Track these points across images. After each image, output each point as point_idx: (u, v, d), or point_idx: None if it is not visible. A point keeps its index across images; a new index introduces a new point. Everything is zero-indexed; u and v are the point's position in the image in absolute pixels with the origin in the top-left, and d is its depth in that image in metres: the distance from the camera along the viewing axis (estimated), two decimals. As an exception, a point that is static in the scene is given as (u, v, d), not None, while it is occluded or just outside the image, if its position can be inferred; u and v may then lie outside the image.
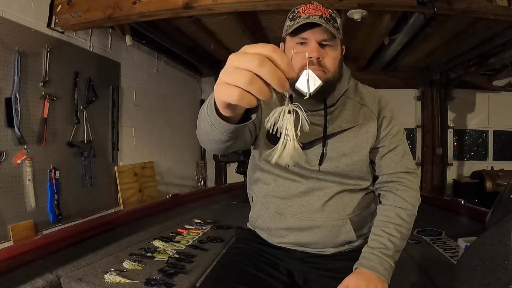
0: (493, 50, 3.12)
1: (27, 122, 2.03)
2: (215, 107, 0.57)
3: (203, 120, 0.65)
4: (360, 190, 0.98)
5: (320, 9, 0.86)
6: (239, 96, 0.44)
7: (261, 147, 0.98)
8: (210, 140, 0.70)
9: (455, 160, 4.59)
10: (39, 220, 2.11)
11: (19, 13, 1.97)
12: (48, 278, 1.10)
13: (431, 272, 1.22)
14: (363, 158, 0.94)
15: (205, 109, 0.62)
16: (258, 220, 1.03)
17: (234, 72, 0.44)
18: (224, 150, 0.76)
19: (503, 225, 0.56)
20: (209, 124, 0.62)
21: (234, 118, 0.59)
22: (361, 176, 0.97)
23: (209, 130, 0.64)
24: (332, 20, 0.86)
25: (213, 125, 0.62)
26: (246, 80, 0.43)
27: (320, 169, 0.94)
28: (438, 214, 2.01)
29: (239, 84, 0.43)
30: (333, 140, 0.95)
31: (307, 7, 0.87)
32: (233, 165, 3.73)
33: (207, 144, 0.74)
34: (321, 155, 0.93)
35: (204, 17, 2.62)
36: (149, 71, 3.44)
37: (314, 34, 0.86)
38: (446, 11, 1.90)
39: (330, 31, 0.85)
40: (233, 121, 0.59)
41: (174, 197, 2.16)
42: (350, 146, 0.94)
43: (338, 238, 0.95)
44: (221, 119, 0.58)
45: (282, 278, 0.93)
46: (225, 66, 0.45)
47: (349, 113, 0.97)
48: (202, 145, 0.80)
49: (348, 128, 0.95)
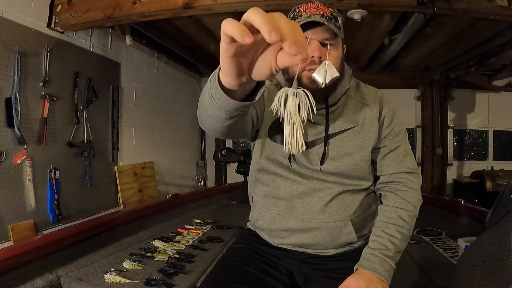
0: (493, 50, 3.12)
1: (27, 122, 2.03)
2: (218, 78, 0.54)
3: (205, 92, 0.62)
4: (361, 191, 0.98)
5: (321, 8, 0.86)
6: (238, 24, 0.38)
7: (262, 143, 0.98)
8: (208, 116, 0.66)
9: (455, 160, 4.59)
10: (39, 220, 2.11)
11: (19, 13, 1.97)
12: (48, 278, 1.10)
13: (431, 272, 1.22)
14: (364, 158, 0.94)
15: (209, 79, 0.59)
16: (259, 221, 1.03)
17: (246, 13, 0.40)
18: (221, 132, 0.72)
19: (503, 225, 0.56)
20: (209, 96, 0.59)
21: (237, 94, 0.55)
22: (362, 176, 0.97)
23: (209, 103, 0.61)
24: (333, 19, 0.86)
25: (213, 97, 0.58)
26: (254, 10, 0.38)
27: (321, 169, 0.94)
28: (438, 214, 2.01)
29: (245, 14, 0.39)
30: (335, 140, 0.94)
31: (308, 6, 0.87)
32: (233, 165, 3.73)
33: (205, 120, 0.70)
34: (322, 154, 0.93)
35: (204, 17, 2.62)
36: (149, 71, 3.44)
37: (316, 33, 0.85)
38: (446, 11, 1.90)
39: (332, 29, 0.85)
40: (235, 97, 0.56)
41: (174, 197, 2.16)
42: (352, 146, 0.94)
43: (339, 239, 0.94)
44: (222, 90, 0.55)
45: (282, 279, 0.92)
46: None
47: (351, 112, 0.97)
48: (201, 124, 0.75)
49: (349, 128, 0.95)
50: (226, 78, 0.50)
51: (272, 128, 0.96)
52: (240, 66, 0.46)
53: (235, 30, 0.38)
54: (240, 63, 0.45)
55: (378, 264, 0.83)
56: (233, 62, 0.45)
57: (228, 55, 0.43)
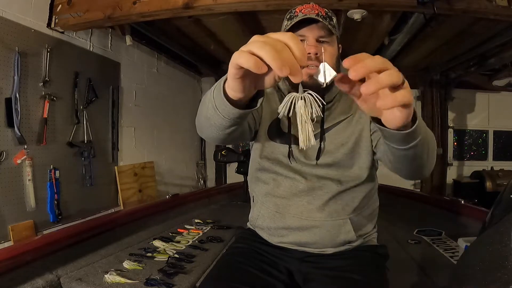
0: (493, 50, 3.12)
1: (27, 122, 2.03)
2: (223, 90, 0.58)
3: (206, 104, 0.66)
4: (361, 190, 0.98)
5: (316, 8, 0.90)
6: (251, 58, 0.45)
7: (262, 143, 0.99)
8: (211, 125, 0.69)
9: (455, 160, 4.59)
10: (39, 220, 2.11)
11: (19, 13, 1.97)
12: (48, 278, 1.10)
13: (431, 272, 1.22)
14: (362, 145, 0.95)
15: (212, 92, 0.63)
16: (258, 219, 1.03)
17: (251, 43, 0.46)
18: (222, 139, 0.75)
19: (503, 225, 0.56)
20: (213, 107, 0.63)
21: (239, 103, 0.59)
22: (362, 168, 0.96)
23: (212, 113, 0.64)
24: (328, 18, 0.90)
25: (217, 108, 0.62)
26: (259, 45, 0.45)
27: (318, 163, 0.95)
28: (438, 214, 2.01)
29: (254, 49, 0.45)
30: (330, 133, 0.96)
31: (304, 7, 0.91)
32: (233, 165, 3.73)
33: (207, 129, 0.73)
34: (318, 149, 0.94)
35: (204, 17, 2.62)
36: (149, 71, 3.44)
37: (312, 31, 0.89)
38: (446, 11, 1.90)
39: (327, 27, 0.88)
40: (238, 106, 0.60)
41: (174, 197, 2.15)
42: (347, 135, 0.95)
43: (338, 238, 0.94)
44: (227, 102, 0.59)
45: (282, 278, 0.92)
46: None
47: (344, 105, 0.98)
48: (200, 133, 0.78)
49: (343, 119, 0.97)
50: (234, 93, 0.55)
51: (271, 128, 0.98)
52: (246, 82, 0.52)
53: (250, 64, 0.45)
54: (246, 80, 0.51)
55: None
56: (241, 81, 0.51)
57: (237, 77, 0.50)
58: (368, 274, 0.89)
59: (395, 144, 0.66)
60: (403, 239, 1.61)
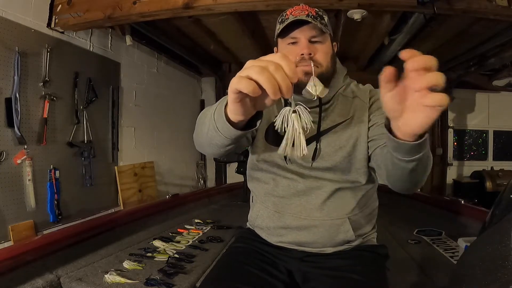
0: (493, 50, 3.12)
1: (27, 122, 2.03)
2: (225, 112, 0.62)
3: (207, 125, 0.70)
4: (359, 189, 0.98)
5: (306, 9, 0.90)
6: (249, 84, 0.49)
7: (260, 148, 0.99)
8: (212, 144, 0.73)
9: (455, 160, 4.59)
10: (39, 220, 2.11)
11: (19, 13, 1.97)
12: (48, 278, 1.10)
13: (431, 272, 1.22)
14: (359, 149, 0.94)
15: (212, 114, 0.67)
16: (257, 219, 1.03)
17: (248, 69, 0.50)
18: (223, 154, 0.79)
19: (503, 225, 0.56)
20: (214, 128, 0.67)
21: (240, 124, 0.63)
22: (360, 169, 0.95)
23: (213, 134, 0.68)
24: (319, 17, 0.90)
25: (218, 130, 0.66)
26: (258, 70, 0.48)
27: (313, 165, 0.95)
28: (438, 214, 2.01)
29: (251, 74, 0.49)
30: (328, 136, 0.95)
31: (294, 9, 0.91)
32: (233, 165, 3.74)
33: (208, 147, 0.78)
34: (314, 151, 0.94)
35: (204, 17, 2.62)
36: (149, 71, 3.44)
37: (303, 32, 0.89)
38: (446, 11, 1.90)
39: (318, 26, 0.88)
40: (238, 127, 0.63)
41: (174, 197, 2.15)
42: (346, 138, 0.95)
43: (336, 237, 0.94)
44: (229, 124, 0.62)
45: (282, 277, 0.93)
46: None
47: (342, 107, 0.98)
48: (199, 149, 0.84)
49: (341, 122, 0.96)
50: (235, 116, 0.59)
51: (268, 132, 0.98)
52: (246, 105, 0.56)
53: (248, 89, 0.49)
54: (246, 103, 0.55)
55: None
56: (241, 105, 0.55)
57: (237, 101, 0.54)
58: (368, 274, 0.89)
59: (400, 154, 0.65)
60: (403, 239, 1.61)
